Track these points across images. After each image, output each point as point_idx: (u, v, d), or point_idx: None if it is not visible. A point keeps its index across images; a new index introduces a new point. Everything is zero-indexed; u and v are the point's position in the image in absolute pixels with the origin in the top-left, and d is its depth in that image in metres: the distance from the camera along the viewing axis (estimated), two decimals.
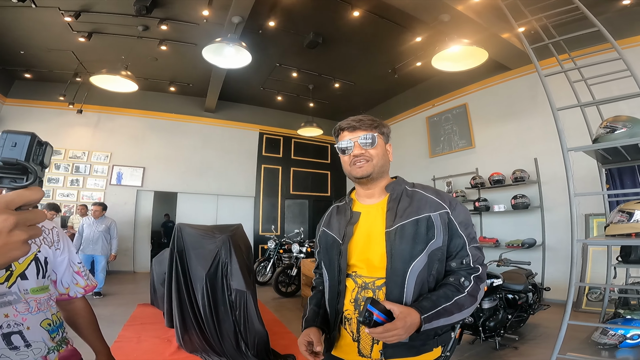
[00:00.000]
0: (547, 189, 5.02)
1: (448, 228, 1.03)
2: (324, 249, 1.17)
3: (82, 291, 1.14)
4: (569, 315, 2.29)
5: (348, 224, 1.11)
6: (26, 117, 6.90)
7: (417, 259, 0.99)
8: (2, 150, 0.43)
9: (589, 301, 4.40)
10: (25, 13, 4.75)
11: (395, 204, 1.08)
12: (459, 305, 0.97)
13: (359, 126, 1.10)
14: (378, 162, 1.09)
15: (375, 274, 1.03)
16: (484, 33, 4.51)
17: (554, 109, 2.43)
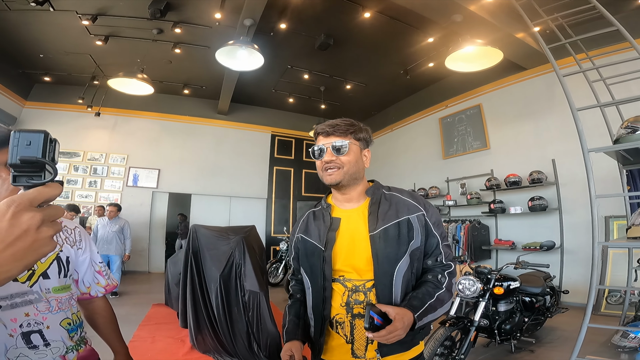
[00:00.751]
0: (566, 190, 4.90)
1: (425, 229, 1.09)
2: (303, 255, 1.16)
3: (102, 290, 1.15)
4: (589, 317, 2.24)
5: (329, 230, 1.11)
6: (45, 119, 7.12)
7: (402, 259, 1.04)
8: (18, 149, 0.44)
9: (608, 304, 4.29)
10: (44, 17, 4.88)
11: (376, 207, 1.10)
12: (440, 300, 1.05)
13: (332, 132, 1.10)
14: (349, 169, 1.09)
15: (364, 276, 1.06)
16: (498, 33, 4.44)
17: (573, 110, 2.37)
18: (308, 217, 1.23)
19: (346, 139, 1.10)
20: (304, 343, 1.13)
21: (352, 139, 1.11)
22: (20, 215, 0.39)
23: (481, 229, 5.71)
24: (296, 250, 1.21)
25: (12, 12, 4.78)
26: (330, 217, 1.14)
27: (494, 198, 5.61)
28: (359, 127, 1.12)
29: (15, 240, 0.38)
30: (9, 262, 0.38)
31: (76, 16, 4.82)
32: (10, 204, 0.39)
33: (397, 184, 5.78)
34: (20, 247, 0.39)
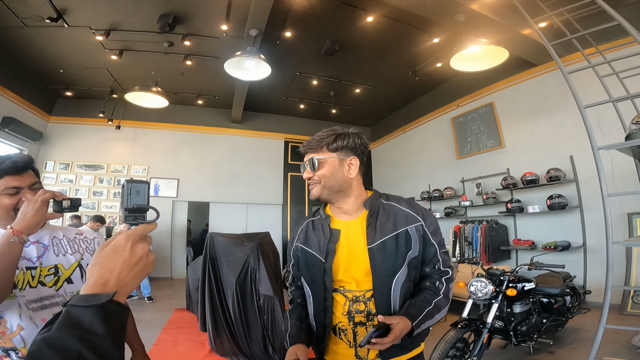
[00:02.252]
0: (586, 187, 4.75)
1: (423, 239, 1.11)
2: (303, 265, 1.18)
3: None
4: (605, 319, 2.20)
5: (329, 241, 1.12)
6: (70, 133, 7.47)
7: (399, 271, 1.06)
8: (131, 197, 0.60)
9: (634, 304, 4.12)
10: (60, 33, 5.11)
11: (374, 219, 1.12)
12: (437, 306, 1.08)
13: (305, 150, 1.14)
14: (327, 182, 1.10)
15: (363, 287, 1.09)
16: (503, 30, 4.39)
17: (580, 107, 2.34)
18: (307, 227, 1.23)
19: (318, 153, 1.12)
20: (308, 346, 1.15)
21: (326, 151, 1.11)
22: (136, 246, 0.55)
23: (499, 229, 5.60)
24: (295, 259, 1.24)
25: (30, 29, 5.03)
26: (329, 228, 1.14)
27: (511, 197, 5.50)
28: (331, 137, 1.12)
29: (135, 264, 0.54)
30: (132, 280, 0.53)
31: (90, 32, 5.04)
32: (128, 238, 0.54)
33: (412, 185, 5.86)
34: (138, 269, 0.54)
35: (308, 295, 1.18)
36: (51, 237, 1.13)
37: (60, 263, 1.09)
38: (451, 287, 1.15)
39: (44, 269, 1.05)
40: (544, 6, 2.73)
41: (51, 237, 1.13)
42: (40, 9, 4.53)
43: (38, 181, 1.11)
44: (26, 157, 1.10)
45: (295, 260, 1.25)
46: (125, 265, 0.53)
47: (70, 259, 1.12)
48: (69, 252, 1.13)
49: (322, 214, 1.20)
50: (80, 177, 7.42)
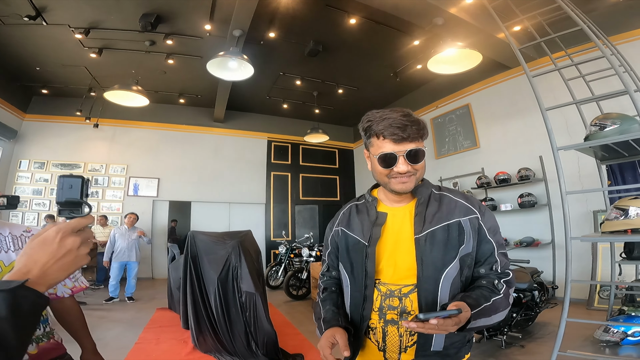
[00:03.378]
0: (554, 186, 4.99)
1: (478, 234, 0.99)
2: (343, 251, 1.08)
3: (69, 291, 1.24)
4: (566, 313, 2.33)
5: (374, 225, 1.03)
6: (46, 132, 7.27)
7: (450, 265, 0.95)
8: (63, 192, 0.62)
9: (601, 299, 4.36)
10: (38, 30, 5.01)
11: (423, 208, 1.01)
12: (495, 306, 0.92)
13: (406, 137, 0.94)
14: (421, 175, 1.01)
15: (403, 281, 0.98)
16: (480, 34, 4.56)
17: (542, 109, 2.50)
18: (350, 210, 1.14)
19: (420, 144, 0.97)
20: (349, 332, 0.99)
21: (421, 140, 0.98)
22: (66, 239, 0.56)
23: None
24: (334, 245, 1.14)
25: (7, 27, 4.91)
26: (376, 211, 1.06)
27: (486, 196, 5.73)
28: (424, 125, 0.99)
29: (62, 256, 0.55)
30: (57, 271, 0.55)
31: (69, 30, 4.95)
32: (58, 231, 0.56)
33: None
34: (65, 262, 0.56)
35: (346, 284, 1.08)
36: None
37: (0, 260, 1.07)
38: (512, 292, 0.99)
39: None
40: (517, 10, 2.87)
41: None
42: (19, 7, 4.44)
43: None
44: None
45: (333, 248, 1.15)
46: (51, 257, 0.54)
47: (11, 255, 1.09)
48: (11, 249, 1.11)
49: (368, 197, 1.11)
50: (56, 177, 7.18)
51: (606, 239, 2.46)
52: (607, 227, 2.43)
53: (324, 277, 1.20)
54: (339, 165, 9.88)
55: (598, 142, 2.36)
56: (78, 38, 5.13)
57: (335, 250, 1.14)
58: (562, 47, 3.20)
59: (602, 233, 2.49)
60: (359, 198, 1.18)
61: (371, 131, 1.00)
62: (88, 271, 6.60)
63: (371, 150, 1.02)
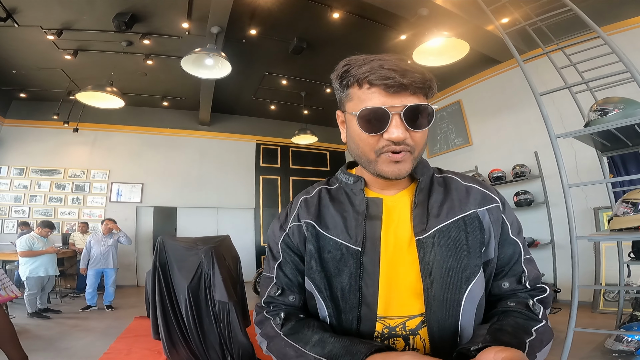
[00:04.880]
0: (551, 183, 4.79)
1: (501, 231, 0.70)
2: (314, 260, 0.69)
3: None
4: (574, 322, 2.06)
5: (366, 218, 0.68)
6: (25, 137, 7.03)
7: (473, 279, 0.64)
8: None
9: (606, 301, 4.09)
10: (10, 32, 4.81)
11: (425, 196, 0.70)
12: (540, 339, 0.61)
13: (406, 85, 0.60)
14: (420, 152, 0.67)
15: (405, 310, 0.65)
16: (468, 26, 4.39)
17: (536, 94, 2.28)
18: (319, 197, 0.76)
19: (425, 99, 0.65)
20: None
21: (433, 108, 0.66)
22: None
23: None
24: (289, 252, 0.74)
25: None
26: (364, 196, 0.71)
27: None
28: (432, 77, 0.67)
29: None
30: None
31: (41, 31, 4.75)
32: None
33: None
34: None
35: (325, 315, 0.69)
36: None
37: None
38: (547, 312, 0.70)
39: None
40: None
41: None
42: None
43: None
44: None
45: (288, 256, 0.74)
46: None
47: None
48: None
49: (348, 178, 0.75)
50: (36, 183, 6.96)
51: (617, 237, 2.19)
52: (617, 224, 2.16)
53: (274, 304, 0.74)
54: (330, 167, 9.62)
55: (600, 127, 2.12)
56: (51, 39, 4.92)
57: (295, 261, 0.74)
58: (552, 37, 3.01)
59: (610, 231, 2.22)
60: (329, 180, 0.82)
61: (349, 77, 0.64)
62: (68, 279, 6.41)
63: (348, 107, 0.67)
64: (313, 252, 0.69)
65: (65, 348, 1.32)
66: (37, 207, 6.92)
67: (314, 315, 0.72)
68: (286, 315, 0.70)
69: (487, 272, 0.69)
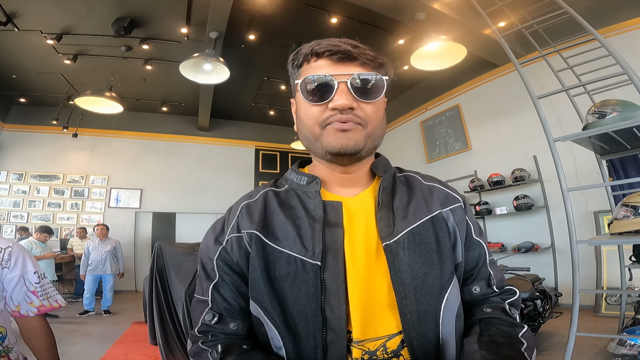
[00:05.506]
0: (551, 187, 4.77)
1: (465, 233, 0.66)
2: (260, 280, 0.58)
3: (35, 310, 1.15)
4: (575, 326, 2.03)
5: (324, 225, 0.59)
6: (24, 142, 7.04)
7: (449, 287, 0.59)
8: None
9: (608, 305, 4.06)
10: (10, 37, 4.83)
11: (389, 196, 0.64)
12: (531, 346, 0.57)
13: (353, 56, 0.59)
14: (375, 128, 0.61)
15: (382, 329, 0.57)
16: (465, 30, 4.40)
17: (533, 98, 2.27)
18: (266, 203, 0.65)
19: (379, 71, 0.61)
20: None
21: (383, 75, 0.62)
22: None
23: None
24: (228, 270, 0.62)
25: None
26: (320, 200, 0.62)
27: (480, 199, 5.46)
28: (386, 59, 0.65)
29: None
30: None
31: (41, 36, 4.77)
32: None
33: None
34: None
35: (276, 347, 0.58)
36: None
37: None
38: None
39: None
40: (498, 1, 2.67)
41: None
42: None
43: None
44: None
45: (225, 275, 0.63)
46: None
47: None
48: None
49: (300, 178, 0.65)
50: (35, 188, 6.95)
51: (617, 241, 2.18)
52: (617, 228, 2.14)
53: (211, 333, 0.62)
54: None
55: (598, 130, 2.11)
56: (50, 44, 4.95)
57: (235, 282, 0.62)
58: (549, 40, 3.02)
59: (611, 235, 2.21)
60: (276, 182, 0.71)
61: (300, 56, 0.62)
62: (66, 284, 6.39)
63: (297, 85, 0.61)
64: (259, 269, 0.58)
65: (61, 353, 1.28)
66: (36, 213, 6.91)
67: (264, 345, 0.60)
68: (225, 348, 0.57)
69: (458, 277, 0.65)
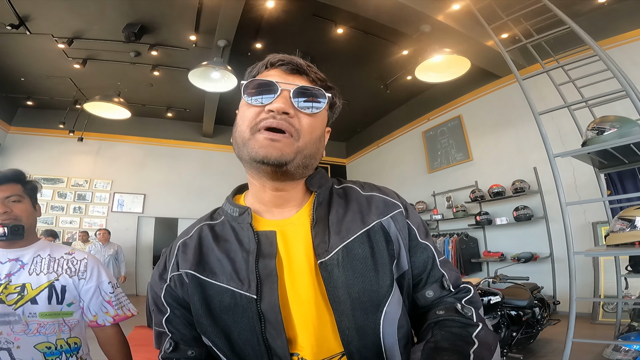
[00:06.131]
0: (550, 198, 4.84)
1: (408, 238, 0.65)
2: (203, 315, 0.59)
3: (110, 320, 1.22)
4: (572, 332, 2.14)
5: (260, 256, 0.59)
6: (29, 145, 7.09)
7: (388, 299, 0.58)
8: None
9: (605, 312, 4.14)
10: (22, 40, 4.90)
11: (324, 211, 0.64)
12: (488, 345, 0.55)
13: (304, 70, 0.63)
14: (308, 144, 0.60)
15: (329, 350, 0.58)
16: (468, 41, 4.50)
17: (535, 114, 2.35)
18: (200, 238, 0.66)
19: (314, 85, 0.63)
20: None
21: (328, 94, 0.64)
22: None
23: (469, 242, 5.61)
24: (175, 306, 0.64)
25: None
26: (253, 231, 0.61)
27: (480, 210, 5.53)
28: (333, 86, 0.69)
29: None
30: None
31: (52, 39, 4.85)
32: None
33: None
34: None
35: None
36: (34, 255, 1.12)
37: (29, 282, 1.06)
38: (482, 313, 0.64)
39: (11, 286, 1.04)
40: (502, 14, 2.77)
41: (34, 255, 1.12)
42: (2, 16, 4.33)
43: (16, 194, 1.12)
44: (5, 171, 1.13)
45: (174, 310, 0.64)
46: None
47: (42, 279, 1.08)
48: (44, 271, 1.10)
49: (233, 209, 0.66)
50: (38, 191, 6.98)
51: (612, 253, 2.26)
52: (612, 240, 2.24)
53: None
54: None
55: (597, 147, 2.19)
56: (61, 48, 5.01)
57: (185, 315, 0.63)
58: (550, 52, 3.11)
59: (607, 246, 2.29)
60: (213, 214, 0.72)
61: (256, 67, 0.68)
62: None
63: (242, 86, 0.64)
64: (199, 305, 0.59)
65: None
66: None
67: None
68: None
69: (404, 286, 0.63)
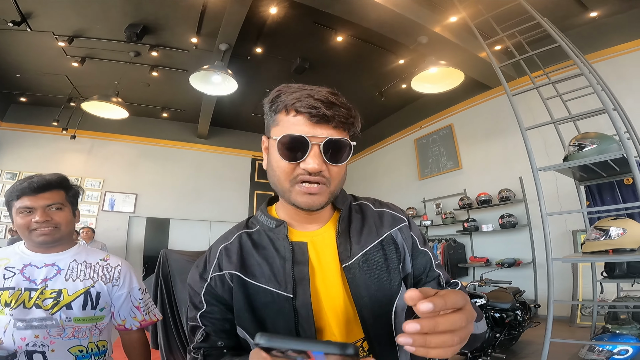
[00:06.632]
0: (534, 207, 5.04)
1: (412, 246, 0.79)
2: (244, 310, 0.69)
3: (137, 324, 1.25)
4: (550, 333, 2.32)
5: (295, 263, 0.70)
6: (21, 141, 7.01)
7: (398, 294, 0.71)
8: None
9: (583, 316, 4.35)
10: (21, 37, 4.88)
11: (346, 224, 0.76)
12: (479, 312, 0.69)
13: (330, 118, 0.64)
14: (338, 186, 0.71)
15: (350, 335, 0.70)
16: (462, 53, 4.66)
17: (522, 129, 2.53)
18: (240, 244, 0.76)
19: (346, 135, 0.68)
20: None
21: (350, 135, 0.70)
22: None
23: (457, 247, 5.81)
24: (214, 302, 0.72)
25: None
26: (288, 242, 0.72)
27: (468, 217, 5.74)
28: (358, 115, 0.72)
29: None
30: None
31: (53, 37, 4.85)
32: None
33: None
34: None
35: None
36: (70, 260, 1.15)
37: (65, 288, 1.08)
38: None
39: (47, 291, 1.06)
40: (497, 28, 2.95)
41: (70, 261, 1.15)
42: (4, 12, 4.32)
43: (57, 202, 1.13)
44: (49, 177, 1.13)
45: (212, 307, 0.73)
46: None
47: (78, 285, 1.11)
48: (80, 277, 1.13)
49: (268, 220, 0.76)
50: None
51: (587, 260, 2.46)
52: (588, 248, 2.44)
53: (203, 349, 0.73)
54: None
55: (577, 162, 2.38)
56: (61, 46, 5.01)
57: (222, 310, 0.72)
58: (540, 65, 3.28)
59: (583, 253, 2.49)
60: (248, 223, 0.82)
61: (279, 102, 0.67)
62: None
63: (273, 132, 0.68)
64: (242, 302, 0.69)
65: None
66: None
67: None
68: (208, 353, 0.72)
69: (407, 285, 0.76)
